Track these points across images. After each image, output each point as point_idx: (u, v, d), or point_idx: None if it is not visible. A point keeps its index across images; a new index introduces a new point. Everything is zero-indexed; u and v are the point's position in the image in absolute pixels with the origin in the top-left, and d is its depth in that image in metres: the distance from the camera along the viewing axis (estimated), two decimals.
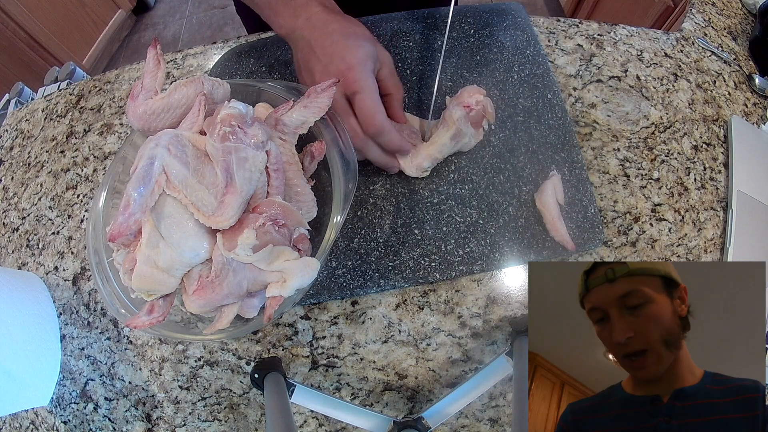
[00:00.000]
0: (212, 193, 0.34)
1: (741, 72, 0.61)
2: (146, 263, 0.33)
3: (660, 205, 0.51)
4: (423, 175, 0.48)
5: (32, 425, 0.48)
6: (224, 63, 0.59)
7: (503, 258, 0.46)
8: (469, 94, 0.48)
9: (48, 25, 1.85)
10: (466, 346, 0.46)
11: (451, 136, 0.47)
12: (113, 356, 0.48)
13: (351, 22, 0.44)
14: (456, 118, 0.46)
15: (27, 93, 0.71)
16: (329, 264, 0.46)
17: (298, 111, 0.38)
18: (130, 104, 0.38)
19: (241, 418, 0.46)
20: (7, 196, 0.59)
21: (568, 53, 0.59)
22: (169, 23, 2.42)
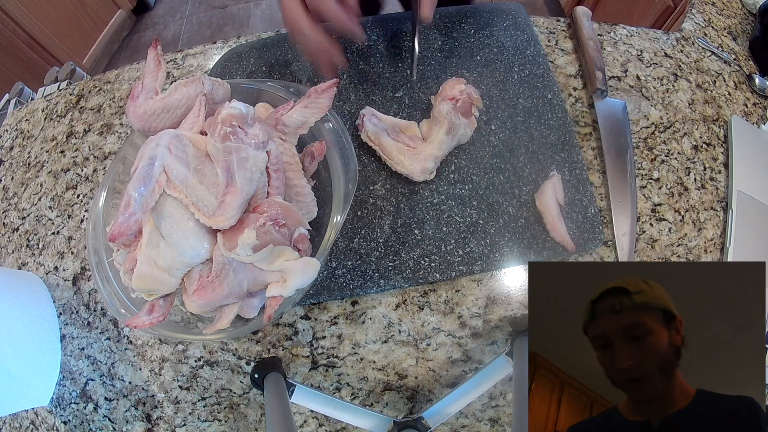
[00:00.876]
0: (213, 193, 0.34)
1: (741, 72, 0.61)
2: (147, 263, 0.33)
3: (660, 205, 0.51)
4: (430, 177, 0.48)
5: (32, 425, 0.48)
6: (224, 63, 0.59)
7: (503, 258, 0.46)
8: (451, 86, 0.48)
9: (48, 25, 1.85)
10: (466, 346, 0.46)
11: (446, 131, 0.47)
12: (113, 356, 0.48)
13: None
14: (445, 113, 0.47)
15: (27, 93, 0.71)
16: (329, 264, 0.46)
17: (298, 111, 0.38)
18: (131, 104, 0.38)
19: (241, 418, 0.46)
20: (7, 196, 0.59)
21: (568, 53, 0.59)
22: (169, 23, 2.42)
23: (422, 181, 0.48)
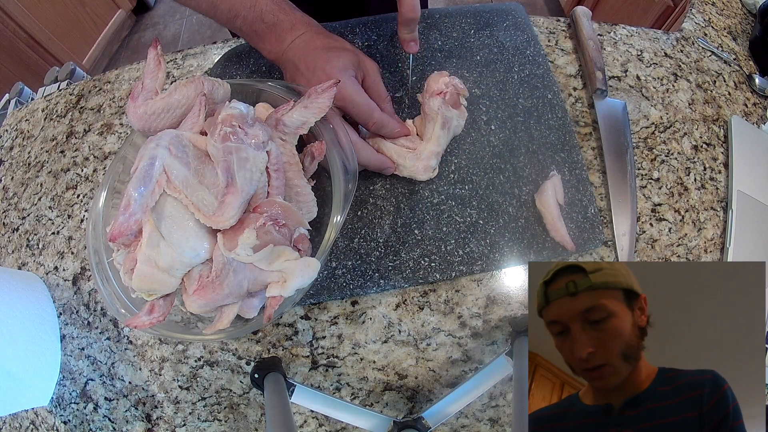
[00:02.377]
0: (213, 193, 0.34)
1: (741, 72, 0.61)
2: (147, 263, 0.33)
3: (660, 205, 0.51)
4: (433, 175, 0.48)
5: (32, 425, 0.48)
6: (224, 63, 0.59)
7: (503, 258, 0.46)
8: (435, 81, 0.48)
9: (48, 25, 1.85)
10: (466, 346, 0.46)
11: (440, 126, 0.47)
12: (113, 356, 0.48)
13: (333, 38, 0.46)
14: (436, 108, 0.47)
15: (27, 93, 0.71)
16: (329, 264, 0.46)
17: (298, 111, 0.38)
18: (131, 105, 0.38)
19: (241, 418, 0.46)
20: (7, 196, 0.59)
21: (568, 53, 0.59)
22: (169, 23, 2.42)
23: (426, 179, 0.48)
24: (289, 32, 0.45)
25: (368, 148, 0.46)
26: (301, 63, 0.44)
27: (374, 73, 0.47)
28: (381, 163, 0.46)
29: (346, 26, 0.59)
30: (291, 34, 0.45)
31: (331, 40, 0.45)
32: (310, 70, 0.43)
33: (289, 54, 0.45)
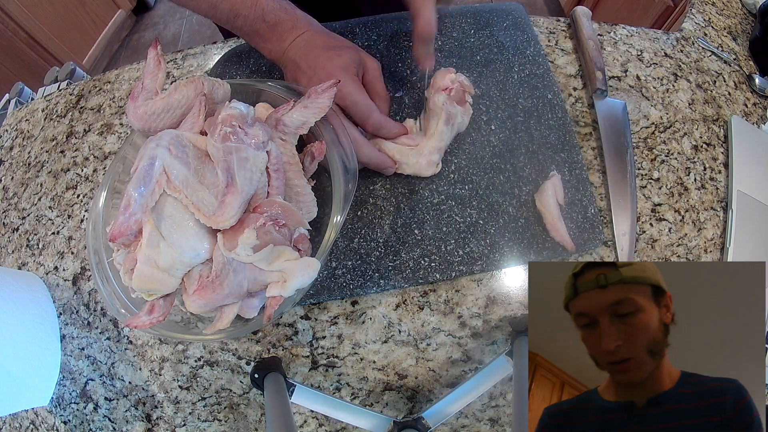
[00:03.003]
0: (213, 193, 0.34)
1: (741, 72, 0.61)
2: (147, 263, 0.33)
3: (660, 205, 0.51)
4: (437, 170, 0.48)
5: (32, 425, 0.48)
6: (224, 63, 0.59)
7: (503, 258, 0.46)
8: (442, 77, 0.49)
9: (48, 25, 1.85)
10: (466, 346, 0.46)
11: (444, 121, 0.47)
12: (113, 356, 0.48)
13: (334, 37, 0.46)
14: (441, 104, 0.47)
15: (27, 93, 0.71)
16: (329, 264, 0.46)
17: (298, 111, 0.38)
18: (131, 105, 0.38)
19: (241, 418, 0.46)
20: (7, 196, 0.59)
21: (568, 53, 0.59)
22: (169, 23, 2.42)
23: (430, 175, 0.48)
24: (290, 31, 0.45)
25: (369, 146, 0.45)
26: (302, 62, 0.44)
27: (374, 70, 0.47)
28: (382, 162, 0.46)
29: (346, 26, 0.59)
30: (292, 34, 0.45)
31: (333, 38, 0.45)
32: (312, 69, 0.43)
33: (290, 53, 0.45)
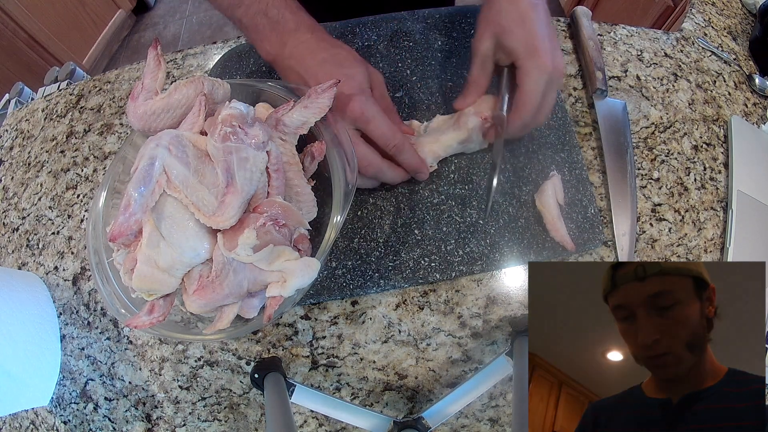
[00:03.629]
0: (213, 193, 0.34)
1: (741, 72, 0.61)
2: (147, 263, 0.33)
3: (660, 205, 0.51)
4: (430, 169, 0.48)
5: (32, 425, 0.48)
6: (224, 63, 0.59)
7: (503, 258, 0.46)
8: (487, 104, 0.46)
9: (48, 25, 1.85)
10: (466, 346, 0.46)
11: (460, 140, 0.47)
12: (113, 356, 0.48)
13: (339, 48, 0.43)
14: (470, 126, 0.46)
15: (27, 93, 0.71)
16: (329, 264, 0.46)
17: (298, 111, 0.38)
18: (131, 105, 0.38)
19: (241, 418, 0.46)
20: (7, 196, 0.59)
21: (568, 53, 0.59)
22: (169, 23, 2.42)
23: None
24: (291, 34, 0.42)
25: (411, 148, 0.44)
26: (309, 77, 0.41)
27: (381, 85, 0.45)
28: (419, 166, 0.45)
29: (346, 26, 0.59)
30: (293, 38, 0.42)
31: (339, 50, 0.43)
32: None
33: (290, 61, 0.42)
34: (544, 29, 0.40)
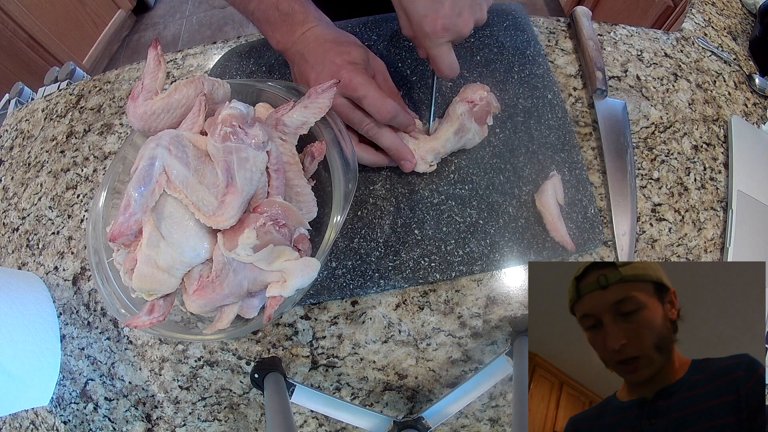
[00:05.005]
0: (213, 193, 0.34)
1: (741, 72, 0.61)
2: (147, 263, 0.33)
3: (660, 205, 0.51)
4: (430, 170, 0.48)
5: (32, 425, 0.48)
6: (224, 63, 0.59)
7: (503, 258, 0.46)
8: (473, 90, 0.48)
9: (48, 25, 1.85)
10: (466, 346, 0.46)
11: (454, 131, 0.47)
12: (113, 356, 0.48)
13: (344, 34, 0.46)
14: (459, 113, 0.47)
15: (27, 93, 0.71)
16: (329, 264, 0.46)
17: (298, 111, 0.38)
18: (131, 105, 0.38)
19: (241, 418, 0.46)
20: (7, 196, 0.59)
21: (568, 53, 0.59)
22: (169, 23, 2.42)
23: (422, 172, 0.48)
24: (300, 24, 0.45)
25: (390, 132, 0.44)
26: (309, 55, 0.43)
27: (383, 71, 0.47)
28: (401, 150, 0.45)
29: (346, 26, 0.59)
30: (302, 27, 0.45)
31: (342, 35, 0.45)
32: (320, 63, 0.42)
33: (298, 46, 0.45)
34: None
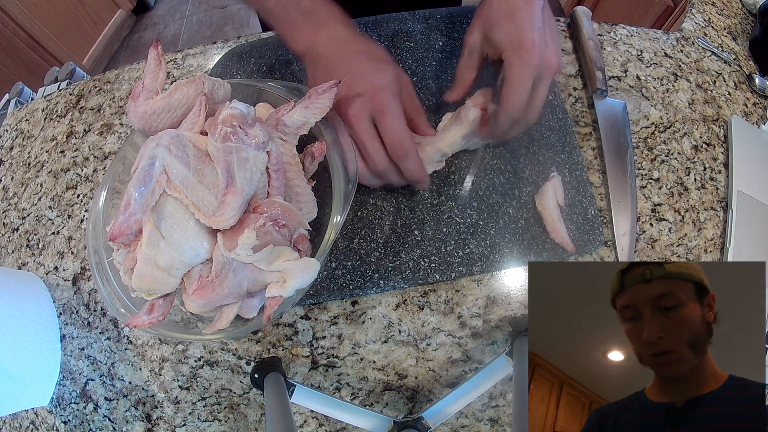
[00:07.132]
0: (213, 193, 0.34)
1: (741, 72, 0.61)
2: (147, 263, 0.33)
3: (660, 205, 0.51)
4: (438, 167, 0.48)
5: (32, 425, 0.48)
6: (224, 63, 0.59)
7: (503, 259, 0.46)
8: (487, 96, 0.47)
9: (48, 25, 1.85)
10: (466, 346, 0.46)
11: (463, 135, 0.46)
12: (113, 356, 0.48)
13: (373, 44, 0.44)
14: (471, 119, 0.46)
15: (27, 93, 0.71)
16: (329, 264, 0.46)
17: (299, 112, 0.38)
18: (131, 104, 0.38)
19: (241, 418, 0.46)
20: (7, 196, 0.59)
21: (568, 53, 0.59)
22: (169, 23, 2.42)
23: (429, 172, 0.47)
24: (323, 25, 0.42)
25: (417, 158, 0.42)
26: (340, 64, 0.41)
27: (409, 86, 0.45)
28: (421, 177, 0.43)
29: None
30: (325, 28, 0.42)
31: (372, 46, 0.43)
32: (352, 76, 0.40)
33: (322, 49, 0.42)
34: (535, 23, 0.39)
